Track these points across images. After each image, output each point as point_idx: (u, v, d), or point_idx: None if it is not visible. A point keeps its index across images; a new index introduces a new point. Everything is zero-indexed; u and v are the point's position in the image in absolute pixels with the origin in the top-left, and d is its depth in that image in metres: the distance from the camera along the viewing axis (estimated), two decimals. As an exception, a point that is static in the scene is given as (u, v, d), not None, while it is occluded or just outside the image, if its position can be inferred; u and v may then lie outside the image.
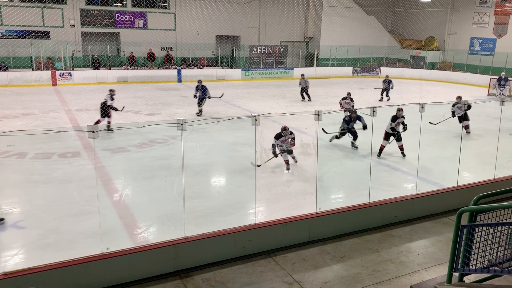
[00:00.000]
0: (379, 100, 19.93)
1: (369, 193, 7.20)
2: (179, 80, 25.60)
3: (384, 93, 20.23)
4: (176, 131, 5.52)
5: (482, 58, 28.08)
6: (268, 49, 29.24)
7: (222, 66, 28.60)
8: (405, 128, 10.71)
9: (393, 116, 10.62)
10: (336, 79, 28.71)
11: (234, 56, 28.76)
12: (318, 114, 6.79)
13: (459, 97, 13.84)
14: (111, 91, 13.68)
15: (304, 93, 20.08)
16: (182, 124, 5.52)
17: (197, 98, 15.88)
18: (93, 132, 5.02)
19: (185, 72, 26.17)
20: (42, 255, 5.87)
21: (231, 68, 28.29)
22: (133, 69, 25.77)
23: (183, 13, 27.14)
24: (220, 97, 16.41)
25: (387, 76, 20.72)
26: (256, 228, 6.15)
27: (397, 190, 8.72)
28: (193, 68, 27.42)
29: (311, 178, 7.38)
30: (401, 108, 10.70)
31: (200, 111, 15.89)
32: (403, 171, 9.78)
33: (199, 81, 16.15)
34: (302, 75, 20.66)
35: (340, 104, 14.81)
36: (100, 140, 5.08)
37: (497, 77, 21.96)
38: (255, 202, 6.58)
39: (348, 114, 11.47)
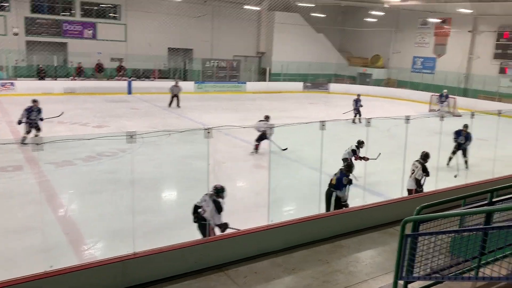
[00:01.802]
0: (353, 122, 18.39)
1: (319, 204, 7.36)
2: (129, 92, 25.06)
3: (357, 115, 18.95)
4: (125, 144, 5.40)
5: (423, 76, 29.77)
6: (221, 63, 29.37)
7: (174, 79, 28.35)
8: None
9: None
10: (288, 94, 29.28)
11: (186, 68, 28.64)
12: (270, 128, 6.91)
13: (267, 117, 13.06)
14: None
15: (174, 99, 20.81)
16: (131, 137, 5.40)
17: (27, 124, 12.67)
18: (37, 144, 4.81)
19: (136, 84, 25.69)
20: (-22, 275, 5.48)
21: (184, 80, 28.12)
22: (81, 80, 24.94)
23: (135, 24, 26.74)
24: (59, 116, 13.71)
25: (358, 95, 19.94)
26: (208, 243, 6.09)
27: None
28: (144, 80, 26.97)
29: (263, 191, 7.44)
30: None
31: (36, 136, 12.53)
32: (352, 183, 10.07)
33: (34, 101, 12.98)
34: (176, 82, 21.66)
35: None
36: (44, 153, 4.86)
37: (439, 94, 23.41)
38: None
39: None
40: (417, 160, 9.12)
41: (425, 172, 8.90)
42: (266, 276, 5.85)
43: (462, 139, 12.59)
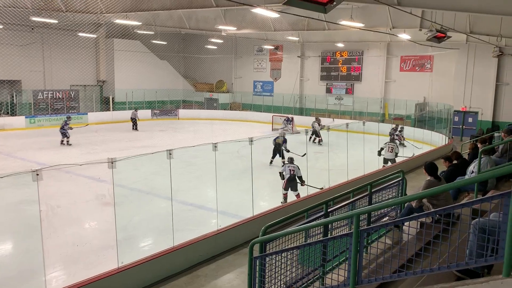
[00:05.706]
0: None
1: (173, 236, 7.11)
2: None
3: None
4: None
5: (264, 98, 31.99)
6: (56, 94, 26.90)
7: (0, 114, 24.94)
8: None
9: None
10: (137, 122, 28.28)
11: (14, 102, 25.48)
12: (112, 162, 6.44)
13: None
14: None
15: None
16: None
17: None
18: None
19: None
20: None
21: (12, 115, 24.96)
22: None
23: None
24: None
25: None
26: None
27: (202, 227, 8.87)
28: (-40, 118, 23.10)
29: (111, 230, 6.87)
30: None
31: None
32: (207, 208, 10.05)
33: None
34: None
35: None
36: None
37: (286, 117, 25.37)
38: (44, 268, 5.73)
39: None
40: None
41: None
42: (119, 325, 5.36)
43: None
